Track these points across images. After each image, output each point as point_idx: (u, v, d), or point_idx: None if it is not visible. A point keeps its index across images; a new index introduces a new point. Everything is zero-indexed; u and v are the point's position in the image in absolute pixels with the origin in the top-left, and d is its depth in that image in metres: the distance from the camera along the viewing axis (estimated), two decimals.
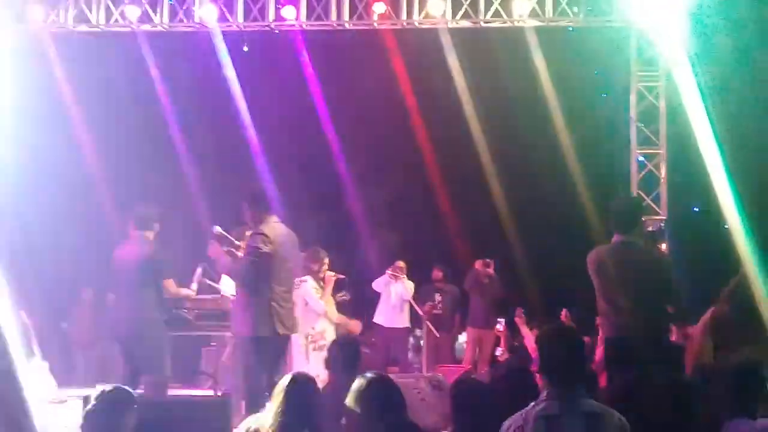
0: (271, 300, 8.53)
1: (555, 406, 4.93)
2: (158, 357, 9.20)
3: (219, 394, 9.57)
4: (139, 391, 9.02)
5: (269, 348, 8.58)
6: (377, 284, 14.94)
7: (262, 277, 8.55)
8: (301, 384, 5.75)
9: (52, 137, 14.66)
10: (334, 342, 7.65)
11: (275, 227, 8.72)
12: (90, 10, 14.21)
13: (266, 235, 8.54)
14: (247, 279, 8.58)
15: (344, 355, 7.04)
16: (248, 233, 8.90)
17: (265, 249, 8.49)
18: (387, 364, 14.86)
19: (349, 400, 5.37)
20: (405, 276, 14.80)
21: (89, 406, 5.90)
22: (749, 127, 14.60)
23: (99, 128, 15.58)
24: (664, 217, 13.79)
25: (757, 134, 14.70)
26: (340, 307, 12.75)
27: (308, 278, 11.56)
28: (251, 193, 8.89)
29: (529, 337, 12.26)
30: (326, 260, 11.58)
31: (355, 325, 12.84)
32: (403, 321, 15.02)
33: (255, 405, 7.47)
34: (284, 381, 5.78)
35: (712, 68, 13.37)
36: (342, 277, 12.20)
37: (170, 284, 9.42)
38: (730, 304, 7.66)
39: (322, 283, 11.46)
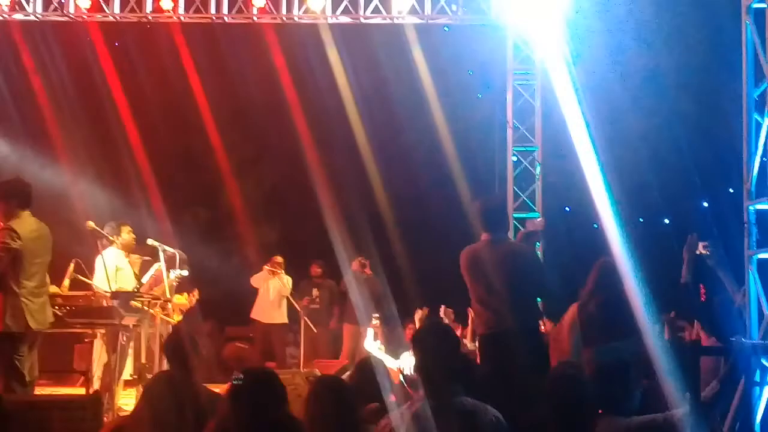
0: (20, 296, 8.42)
1: (429, 406, 4.94)
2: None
3: (91, 392, 9.38)
4: None
5: (20, 343, 8.47)
6: (255, 280, 14.91)
7: (10, 272, 8.44)
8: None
9: None
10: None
11: (27, 222, 8.61)
12: None
13: (14, 231, 8.44)
14: None
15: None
16: None
17: (14, 245, 8.40)
18: (265, 359, 14.83)
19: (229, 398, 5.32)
20: (283, 271, 14.79)
21: None
22: (623, 127, 14.90)
23: None
24: (538, 213, 14.01)
25: (630, 134, 15.02)
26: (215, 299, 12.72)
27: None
28: (4, 187, 8.73)
29: None
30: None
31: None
32: (281, 316, 15.02)
33: None
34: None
35: (587, 68, 13.60)
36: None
37: None
38: (596, 300, 7.76)
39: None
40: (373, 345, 13.28)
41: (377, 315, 14.09)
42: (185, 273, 11.96)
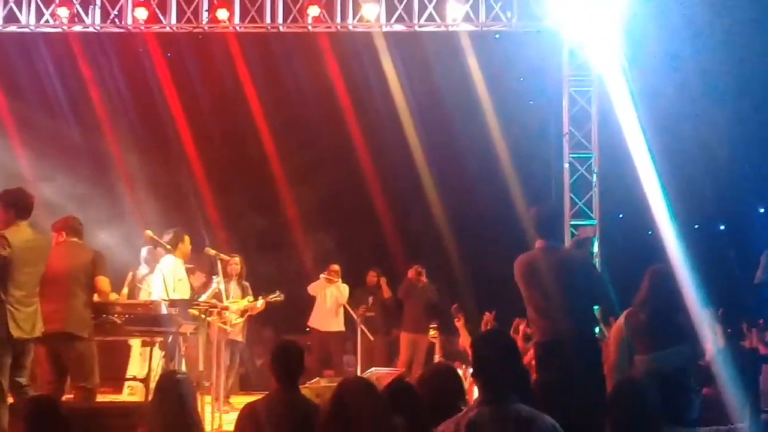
0: (6, 303, 8.46)
1: (485, 413, 4.92)
2: (88, 362, 9.13)
3: (150, 399, 9.46)
4: (68, 397, 8.96)
5: (4, 350, 8.54)
6: (312, 288, 14.94)
7: None
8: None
9: None
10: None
11: (22, 232, 8.69)
12: (20, 11, 14.03)
13: (5, 238, 8.52)
14: None
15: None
16: None
17: (3, 252, 8.48)
18: (322, 367, 14.87)
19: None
20: (339, 279, 14.83)
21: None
22: (679, 133, 14.78)
23: (31, 131, 15.43)
24: (596, 221, 13.94)
25: (686, 140, 14.90)
26: (272, 307, 12.76)
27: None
28: (6, 197, 8.85)
29: (467, 339, 12.37)
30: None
31: None
32: (338, 324, 15.04)
33: None
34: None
35: (643, 74, 13.50)
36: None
37: (105, 283, 9.38)
38: (648, 307, 7.66)
39: None
40: None
41: (435, 325, 14.07)
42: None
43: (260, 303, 12.65)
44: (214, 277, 11.65)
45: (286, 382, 6.55)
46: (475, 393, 6.39)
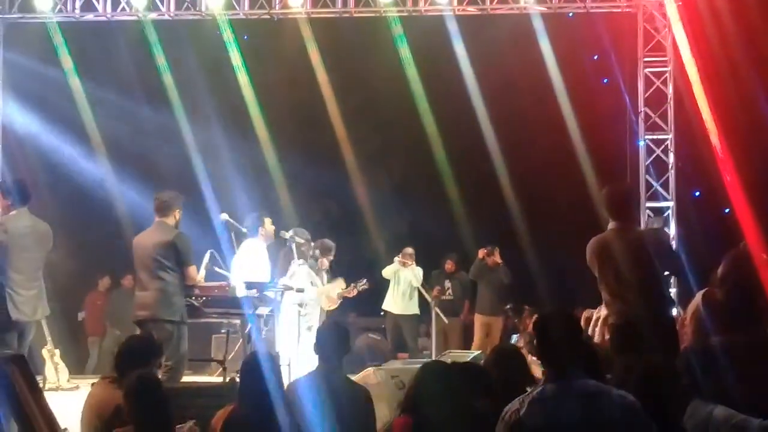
0: (5, 286, 8.76)
1: (550, 389, 4.92)
2: (174, 343, 9.25)
3: (227, 380, 9.58)
4: None
5: (8, 332, 8.79)
6: (387, 271, 14.98)
7: None
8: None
9: (61, 128, 14.86)
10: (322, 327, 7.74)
11: (21, 218, 8.98)
12: (97, 0, 14.28)
13: (3, 225, 8.83)
14: None
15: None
16: None
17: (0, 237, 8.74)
18: (397, 350, 14.93)
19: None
20: (414, 262, 14.85)
21: None
22: (755, 111, 14.54)
23: (108, 119, 15.64)
24: (672, 203, 13.82)
25: (762, 119, 14.65)
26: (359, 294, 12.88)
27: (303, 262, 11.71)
28: (5, 185, 9.18)
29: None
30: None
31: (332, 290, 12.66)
32: (413, 307, 15.06)
33: None
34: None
35: (719, 53, 13.33)
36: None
37: (193, 270, 9.47)
38: (724, 288, 7.53)
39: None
40: None
41: (509, 306, 14.05)
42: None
43: (344, 289, 12.73)
44: (293, 261, 11.73)
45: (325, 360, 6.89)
46: None
